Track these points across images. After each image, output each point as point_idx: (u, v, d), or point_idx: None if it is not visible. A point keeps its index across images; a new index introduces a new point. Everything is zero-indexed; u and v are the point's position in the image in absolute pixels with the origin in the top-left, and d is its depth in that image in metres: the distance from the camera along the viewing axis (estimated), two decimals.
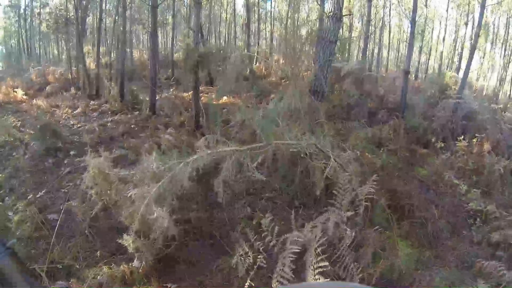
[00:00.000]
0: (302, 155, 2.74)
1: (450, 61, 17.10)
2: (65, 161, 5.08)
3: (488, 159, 4.80)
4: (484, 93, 11.35)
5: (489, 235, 3.67)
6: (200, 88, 7.02)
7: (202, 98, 7.21)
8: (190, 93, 8.05)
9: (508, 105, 9.53)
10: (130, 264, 2.84)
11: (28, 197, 4.03)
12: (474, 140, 5.32)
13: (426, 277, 3.21)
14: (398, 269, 3.05)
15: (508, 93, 12.72)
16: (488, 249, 3.61)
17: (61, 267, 2.94)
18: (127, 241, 2.35)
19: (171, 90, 9.44)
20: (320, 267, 2.21)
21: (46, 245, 3.17)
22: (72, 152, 5.30)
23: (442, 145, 5.40)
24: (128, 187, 2.57)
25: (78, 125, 6.73)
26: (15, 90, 9.61)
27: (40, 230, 3.35)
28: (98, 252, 3.07)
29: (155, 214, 2.11)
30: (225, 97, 7.27)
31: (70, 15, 11.03)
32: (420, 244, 3.53)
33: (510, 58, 13.56)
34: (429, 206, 3.96)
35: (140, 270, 2.78)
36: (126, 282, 2.75)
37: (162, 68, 11.81)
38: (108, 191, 2.82)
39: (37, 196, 4.09)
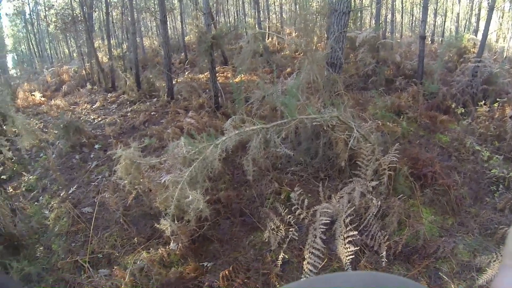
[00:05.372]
0: (324, 128, 2.77)
1: (467, 23, 16.33)
2: (91, 155, 5.24)
3: (510, 124, 4.65)
4: (504, 55, 10.82)
5: None
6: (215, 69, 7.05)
7: (218, 78, 7.20)
8: (205, 74, 8.08)
9: None
10: (167, 247, 3.00)
11: (61, 194, 4.20)
12: (495, 104, 5.14)
13: (450, 244, 3.25)
14: (423, 237, 3.11)
15: None
16: (511, 216, 3.61)
17: (101, 256, 3.12)
18: (165, 225, 2.50)
19: (186, 73, 9.48)
20: (349, 236, 2.28)
21: (84, 238, 3.37)
22: (96, 146, 5.46)
23: (463, 110, 5.27)
24: (160, 173, 2.69)
25: (99, 119, 6.89)
26: (32, 93, 9.80)
27: (77, 224, 3.53)
28: (135, 238, 3.23)
29: (190, 197, 2.23)
30: (241, 75, 7.28)
31: (76, 12, 11.10)
32: (444, 211, 3.54)
33: None
34: (451, 173, 3.95)
35: (177, 252, 2.93)
36: (165, 264, 2.92)
37: (174, 52, 11.77)
38: (141, 180, 2.96)
39: (69, 192, 4.25)
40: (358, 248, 2.46)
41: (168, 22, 9.03)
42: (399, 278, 0.39)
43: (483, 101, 5.18)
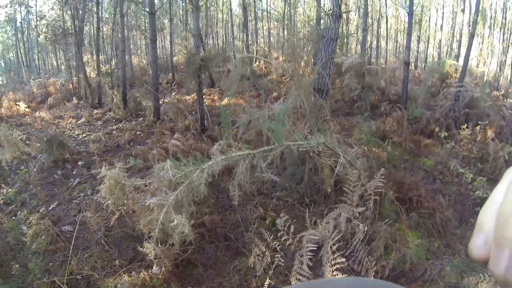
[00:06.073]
0: (310, 154, 2.80)
1: (449, 49, 17.03)
2: (74, 172, 5.10)
3: (492, 146, 4.80)
4: (485, 79, 11.30)
5: None
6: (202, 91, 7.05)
7: (205, 100, 7.23)
8: (192, 96, 8.08)
9: (510, 90, 9.52)
10: (149, 271, 2.91)
11: (41, 210, 4.04)
12: (477, 127, 5.31)
13: (437, 266, 3.27)
14: (410, 260, 3.11)
15: (509, 77, 12.66)
16: None
17: (80, 278, 2.98)
18: (148, 248, 2.42)
19: (173, 94, 9.47)
20: (337, 263, 2.26)
21: (63, 257, 3.22)
22: (80, 163, 5.32)
23: (446, 134, 5.41)
24: (145, 195, 2.64)
25: (83, 135, 6.75)
26: (17, 103, 9.60)
27: (55, 242, 3.38)
28: (117, 261, 3.11)
29: (175, 221, 2.18)
30: (227, 98, 7.31)
31: (68, 25, 11.08)
32: (430, 234, 3.57)
33: (509, 42, 13.49)
34: (436, 196, 4.01)
35: (160, 276, 2.84)
36: None
37: (162, 72, 11.80)
38: (125, 201, 2.89)
39: (49, 208, 4.10)
40: (346, 275, 2.43)
41: (157, 42, 9.11)
42: (386, 283, 0.39)
43: (466, 125, 5.34)
